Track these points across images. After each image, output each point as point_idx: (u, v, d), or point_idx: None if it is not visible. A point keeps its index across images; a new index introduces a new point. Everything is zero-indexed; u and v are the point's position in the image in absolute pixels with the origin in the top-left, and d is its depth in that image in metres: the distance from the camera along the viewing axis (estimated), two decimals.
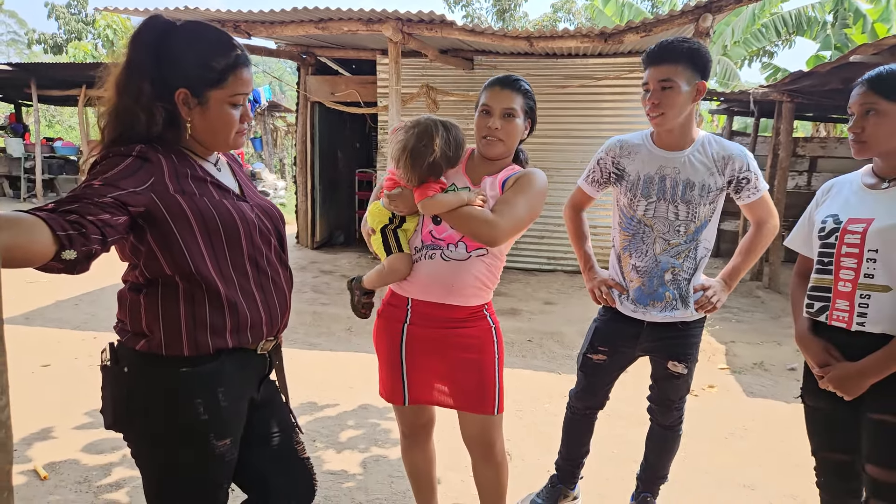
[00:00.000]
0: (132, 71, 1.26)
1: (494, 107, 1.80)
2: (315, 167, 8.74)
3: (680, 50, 1.90)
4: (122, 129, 1.27)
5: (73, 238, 1.04)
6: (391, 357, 1.89)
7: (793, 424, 3.42)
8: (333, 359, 4.35)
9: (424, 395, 1.90)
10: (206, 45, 1.31)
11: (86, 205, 1.09)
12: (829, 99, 6.90)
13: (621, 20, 12.41)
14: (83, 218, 1.07)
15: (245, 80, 1.34)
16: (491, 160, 1.87)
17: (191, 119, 1.31)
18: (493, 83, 1.85)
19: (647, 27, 4.61)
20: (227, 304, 1.33)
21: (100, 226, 1.09)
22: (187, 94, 1.29)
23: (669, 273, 2.06)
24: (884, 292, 1.58)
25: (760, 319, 5.72)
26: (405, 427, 2.04)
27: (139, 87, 1.25)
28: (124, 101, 1.26)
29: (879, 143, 1.61)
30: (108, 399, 1.35)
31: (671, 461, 2.35)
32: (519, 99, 1.82)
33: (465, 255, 1.79)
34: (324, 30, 5.18)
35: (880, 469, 1.59)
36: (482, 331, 1.86)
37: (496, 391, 1.85)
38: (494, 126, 1.79)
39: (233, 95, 1.32)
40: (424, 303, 1.83)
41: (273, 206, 1.53)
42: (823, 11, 11.51)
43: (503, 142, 1.82)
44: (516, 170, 1.87)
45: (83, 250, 1.05)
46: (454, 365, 1.84)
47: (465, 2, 21.53)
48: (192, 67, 1.28)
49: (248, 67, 1.36)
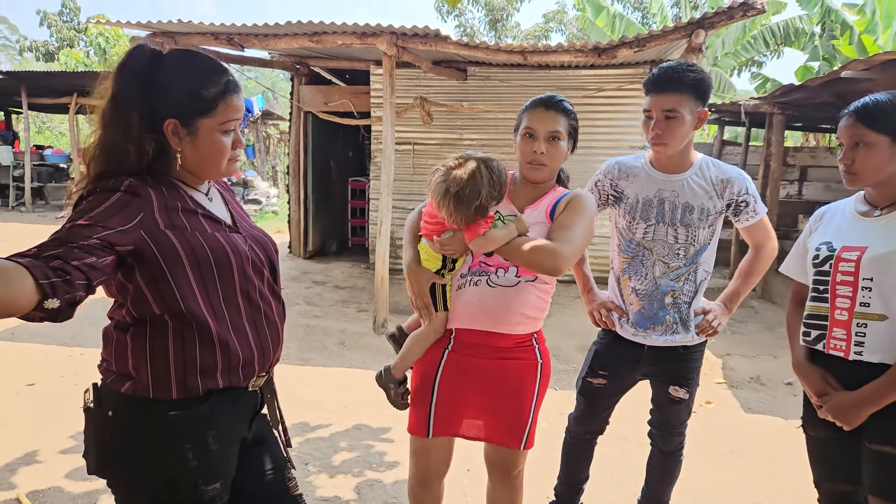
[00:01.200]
0: (119, 103, 1.22)
1: (539, 130, 1.74)
2: (308, 176, 8.69)
3: (685, 80, 1.87)
4: (110, 162, 1.22)
5: (57, 286, 0.99)
6: (423, 385, 1.82)
7: (791, 442, 3.40)
8: (326, 374, 4.29)
9: (451, 427, 1.81)
10: (195, 73, 1.27)
11: (70, 249, 1.04)
12: (819, 111, 6.95)
13: (613, 31, 12.48)
14: (67, 264, 1.02)
15: (236, 107, 1.30)
16: (534, 184, 1.82)
17: (181, 149, 1.27)
18: (536, 104, 1.77)
19: (640, 42, 4.61)
20: (218, 343, 1.27)
21: (85, 270, 1.04)
22: (177, 125, 1.25)
23: (669, 296, 2.03)
24: (880, 321, 1.57)
25: (755, 331, 5.71)
26: (419, 470, 1.91)
27: (127, 120, 1.21)
28: (112, 135, 1.22)
29: (870, 175, 1.61)
30: (92, 443, 1.29)
31: (673, 487, 2.32)
32: (563, 120, 1.76)
33: (515, 281, 1.72)
34: (318, 43, 5.15)
35: (881, 500, 1.57)
36: (526, 365, 1.79)
37: (527, 428, 1.79)
38: (540, 150, 1.73)
39: (223, 123, 1.28)
40: (469, 331, 1.76)
41: (265, 236, 1.48)
42: (811, 23, 11.61)
43: (547, 166, 1.76)
44: (561, 192, 1.81)
45: (66, 298, 1.01)
46: (490, 397, 1.77)
47: (458, 12, 21.60)
48: (181, 97, 1.24)
49: (239, 94, 1.32)
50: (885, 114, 1.56)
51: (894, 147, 1.56)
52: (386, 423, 3.48)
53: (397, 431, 3.37)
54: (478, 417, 1.80)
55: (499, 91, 7.27)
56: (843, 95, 5.62)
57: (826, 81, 4.99)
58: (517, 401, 1.78)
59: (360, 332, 5.26)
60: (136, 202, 1.18)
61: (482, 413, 1.80)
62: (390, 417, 3.54)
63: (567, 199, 1.77)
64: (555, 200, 1.77)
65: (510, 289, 1.71)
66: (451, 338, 1.80)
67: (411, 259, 1.81)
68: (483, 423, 1.80)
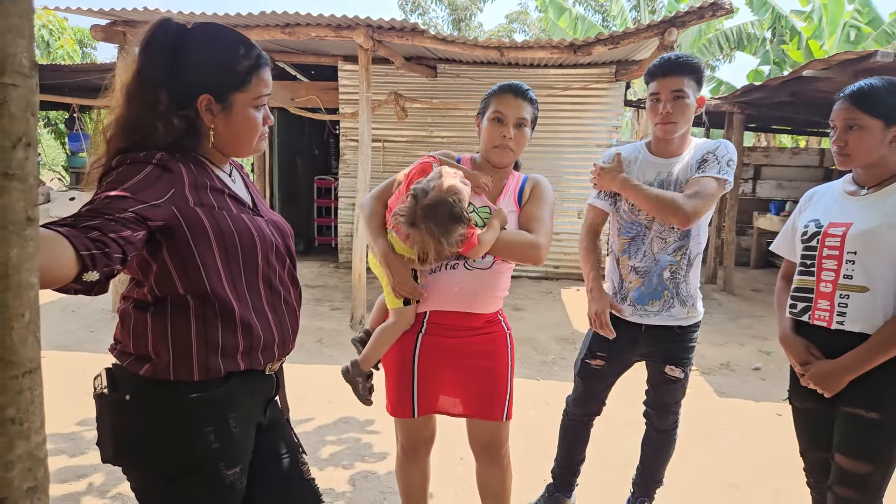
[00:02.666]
0: (146, 79, 1.18)
1: (508, 115, 1.78)
2: (273, 174, 8.55)
3: (688, 64, 1.98)
4: (132, 138, 1.18)
5: (97, 258, 0.95)
6: (402, 369, 1.84)
7: (764, 423, 3.55)
8: (307, 371, 4.23)
9: (433, 406, 1.87)
10: (227, 46, 1.24)
11: (107, 221, 1.00)
12: (775, 111, 7.25)
13: (575, 33, 12.72)
14: (105, 236, 0.98)
15: (267, 81, 1.28)
16: (497, 168, 1.86)
17: (214, 126, 1.24)
18: (505, 90, 1.81)
19: (614, 39, 4.74)
20: (240, 324, 1.25)
21: (122, 244, 1.00)
22: (211, 100, 1.21)
23: (668, 270, 2.09)
24: (861, 292, 1.65)
25: (721, 321, 5.93)
26: (407, 441, 1.97)
27: (154, 96, 1.17)
28: (137, 111, 1.18)
29: (862, 156, 1.68)
30: (108, 430, 1.23)
31: (667, 465, 2.38)
32: (529, 108, 1.81)
33: (490, 264, 1.77)
34: (290, 35, 5.07)
35: (848, 459, 1.67)
36: (498, 338, 1.86)
37: (507, 397, 1.85)
38: (509, 136, 1.77)
39: (257, 98, 1.26)
40: (443, 313, 1.80)
41: (284, 222, 1.46)
42: (762, 28, 12.13)
43: (514, 151, 1.81)
44: (520, 176, 1.88)
45: (105, 271, 0.97)
46: (468, 373, 1.82)
47: (422, 10, 21.62)
48: (214, 71, 1.22)
49: (268, 68, 1.30)
50: (879, 98, 1.63)
51: (886, 130, 1.64)
52: (371, 415, 3.45)
53: (383, 423, 3.36)
54: (457, 395, 1.85)
55: (468, 88, 7.32)
56: (798, 94, 5.89)
57: (785, 81, 5.22)
58: (493, 373, 1.84)
59: (337, 329, 5.21)
60: (167, 176, 1.15)
61: (462, 390, 1.84)
62: (375, 410, 3.50)
63: (530, 186, 1.84)
64: (518, 186, 1.85)
65: (487, 271, 1.78)
66: (425, 321, 1.82)
67: (387, 249, 1.76)
68: (463, 401, 1.85)
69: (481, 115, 1.85)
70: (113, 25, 5.49)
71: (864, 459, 1.65)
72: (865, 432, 1.65)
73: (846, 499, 1.68)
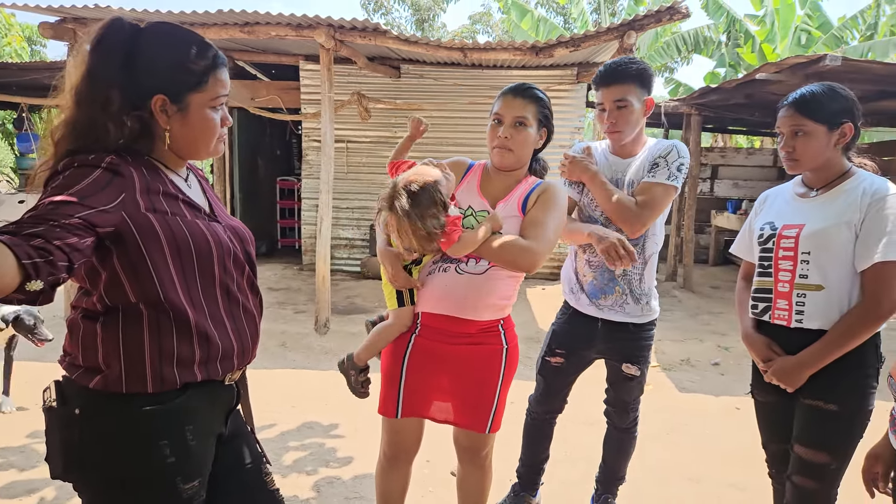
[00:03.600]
0: (97, 79, 1.14)
1: (506, 115, 1.75)
2: (235, 176, 8.38)
3: (630, 71, 2.00)
4: (82, 140, 1.13)
5: (40, 267, 0.91)
6: (392, 368, 1.82)
7: (723, 417, 3.65)
8: (270, 376, 4.15)
9: (419, 409, 1.83)
10: (182, 46, 1.20)
11: (51, 227, 0.96)
12: (731, 112, 7.46)
13: (537, 34, 12.85)
14: (49, 243, 0.94)
15: (224, 82, 1.25)
16: (504, 171, 1.82)
17: (169, 128, 1.20)
18: (506, 92, 1.80)
19: (575, 42, 4.80)
20: (196, 333, 1.21)
21: (67, 251, 0.96)
22: (165, 101, 1.17)
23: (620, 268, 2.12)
24: (818, 291, 1.71)
25: (680, 318, 6.08)
26: (390, 447, 1.92)
27: (105, 97, 1.13)
28: (87, 112, 1.13)
29: (810, 160, 1.74)
30: (57, 445, 1.18)
31: (628, 462, 2.42)
32: (531, 107, 1.76)
33: (483, 269, 1.73)
34: (250, 34, 4.97)
35: (807, 449, 1.73)
36: (491, 350, 1.81)
37: (492, 412, 1.82)
38: (504, 135, 1.74)
39: (214, 98, 1.22)
40: (434, 315, 1.77)
41: (243, 227, 1.42)
42: (718, 32, 12.48)
43: (513, 152, 1.76)
44: (533, 182, 1.82)
45: (50, 279, 0.93)
46: (457, 381, 1.79)
47: (385, 10, 21.52)
48: (169, 71, 1.18)
49: (226, 68, 1.26)
50: (820, 104, 1.69)
51: (830, 134, 1.70)
52: (335, 419, 3.43)
53: (347, 428, 3.33)
54: (445, 400, 1.83)
55: (432, 89, 7.31)
56: (753, 96, 6.08)
57: (740, 83, 5.38)
58: (482, 386, 1.81)
59: (301, 332, 5.14)
60: (117, 181, 1.10)
61: (449, 396, 1.82)
62: (339, 414, 3.49)
63: (539, 192, 1.78)
64: (526, 192, 1.78)
65: (478, 276, 1.73)
66: (418, 322, 1.81)
67: (383, 244, 1.82)
68: (450, 407, 1.83)
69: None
70: (63, 23, 5.29)
71: (822, 450, 1.71)
72: (824, 423, 1.71)
73: (805, 488, 1.74)
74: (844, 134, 1.70)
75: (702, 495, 2.74)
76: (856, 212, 1.66)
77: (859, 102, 1.75)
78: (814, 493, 1.73)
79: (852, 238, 1.67)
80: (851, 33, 11.36)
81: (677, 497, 2.71)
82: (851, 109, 1.71)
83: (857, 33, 11.34)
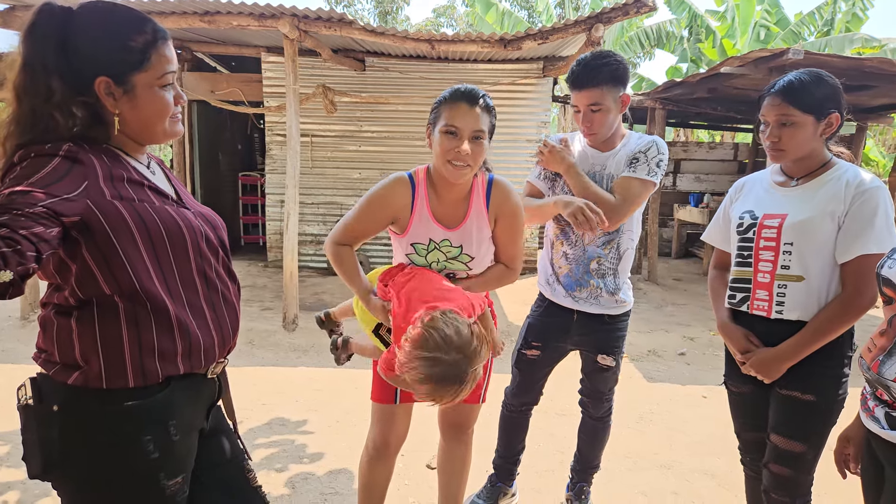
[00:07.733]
0: (34, 69, 1.08)
1: (464, 129, 1.61)
2: (195, 171, 8.15)
3: (602, 73, 1.96)
4: (30, 133, 1.08)
5: (8, 257, 0.87)
6: None
7: (691, 405, 3.72)
8: (238, 374, 4.05)
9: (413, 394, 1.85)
10: (118, 23, 1.14)
11: (15, 217, 0.91)
12: (695, 106, 7.61)
13: (501, 28, 12.88)
14: (15, 233, 0.89)
15: (170, 58, 1.19)
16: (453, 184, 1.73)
17: (118, 111, 1.14)
18: (458, 98, 1.63)
19: (544, 35, 4.80)
20: (177, 325, 1.17)
21: (34, 241, 0.91)
22: (109, 83, 1.12)
23: (595, 262, 2.13)
24: (798, 282, 1.70)
25: (646, 310, 6.18)
26: (381, 436, 1.92)
27: (47, 86, 1.07)
28: (30, 105, 1.08)
29: (796, 151, 1.70)
30: (35, 444, 1.13)
31: (602, 450, 2.44)
32: (486, 118, 1.65)
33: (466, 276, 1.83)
34: (210, 24, 4.82)
35: (784, 439, 1.74)
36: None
37: (485, 383, 1.93)
38: (466, 151, 1.61)
39: (160, 76, 1.17)
40: None
41: (213, 214, 1.37)
42: (680, 27, 12.71)
43: (472, 167, 1.66)
44: (484, 180, 1.78)
45: (19, 270, 0.88)
46: None
47: (348, 2, 21.23)
48: (107, 51, 1.11)
49: (169, 43, 1.20)
50: (809, 93, 1.63)
51: (818, 125, 1.67)
52: (304, 416, 3.39)
53: (316, 423, 3.28)
54: None
55: (397, 82, 7.25)
56: (716, 90, 6.20)
57: (704, 78, 5.48)
58: None
59: (269, 329, 5.04)
60: (78, 168, 1.05)
61: None
62: (308, 410, 3.44)
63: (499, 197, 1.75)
64: (485, 192, 1.76)
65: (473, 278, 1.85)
66: None
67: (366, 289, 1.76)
68: None
69: (432, 125, 1.69)
70: (12, 10, 5.05)
71: (799, 439, 1.71)
72: (801, 413, 1.72)
73: (781, 476, 1.75)
74: (831, 124, 1.66)
75: (673, 481, 2.78)
76: (839, 203, 1.63)
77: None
78: (791, 480, 1.75)
79: (835, 229, 1.65)
80: (809, 29, 11.69)
81: (649, 483, 2.75)
82: (838, 98, 1.66)
83: (814, 29, 11.69)
